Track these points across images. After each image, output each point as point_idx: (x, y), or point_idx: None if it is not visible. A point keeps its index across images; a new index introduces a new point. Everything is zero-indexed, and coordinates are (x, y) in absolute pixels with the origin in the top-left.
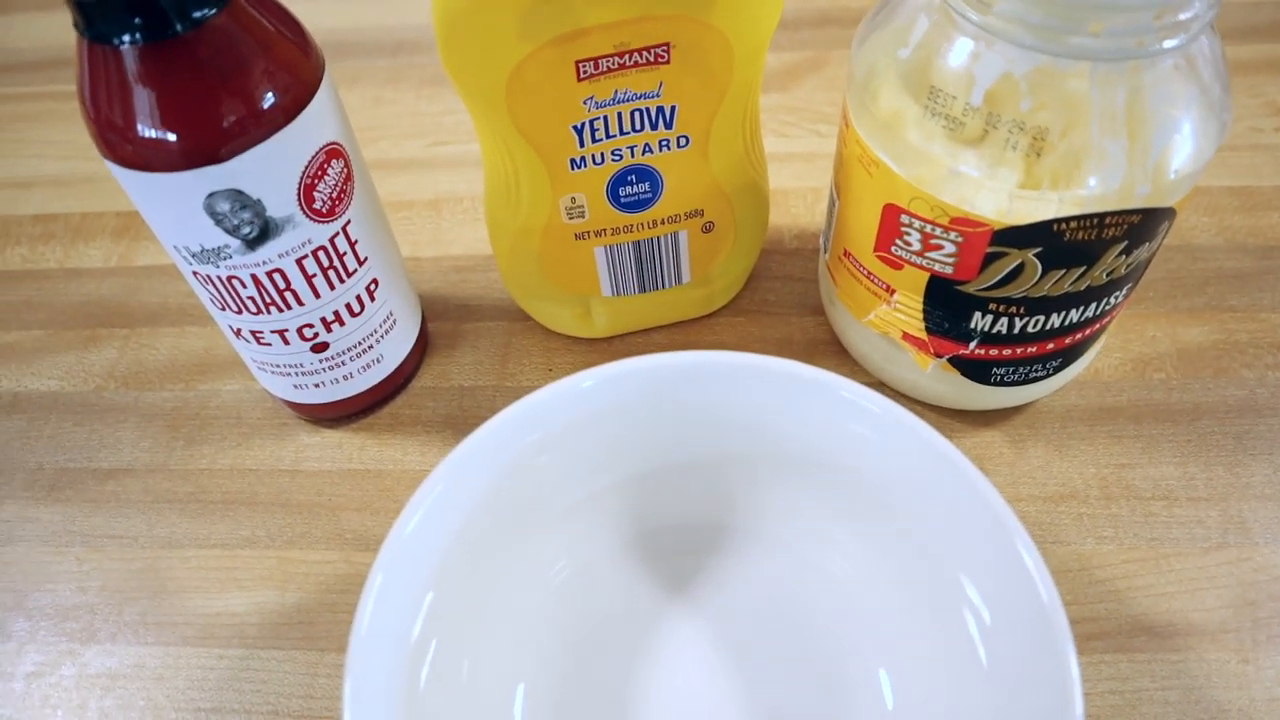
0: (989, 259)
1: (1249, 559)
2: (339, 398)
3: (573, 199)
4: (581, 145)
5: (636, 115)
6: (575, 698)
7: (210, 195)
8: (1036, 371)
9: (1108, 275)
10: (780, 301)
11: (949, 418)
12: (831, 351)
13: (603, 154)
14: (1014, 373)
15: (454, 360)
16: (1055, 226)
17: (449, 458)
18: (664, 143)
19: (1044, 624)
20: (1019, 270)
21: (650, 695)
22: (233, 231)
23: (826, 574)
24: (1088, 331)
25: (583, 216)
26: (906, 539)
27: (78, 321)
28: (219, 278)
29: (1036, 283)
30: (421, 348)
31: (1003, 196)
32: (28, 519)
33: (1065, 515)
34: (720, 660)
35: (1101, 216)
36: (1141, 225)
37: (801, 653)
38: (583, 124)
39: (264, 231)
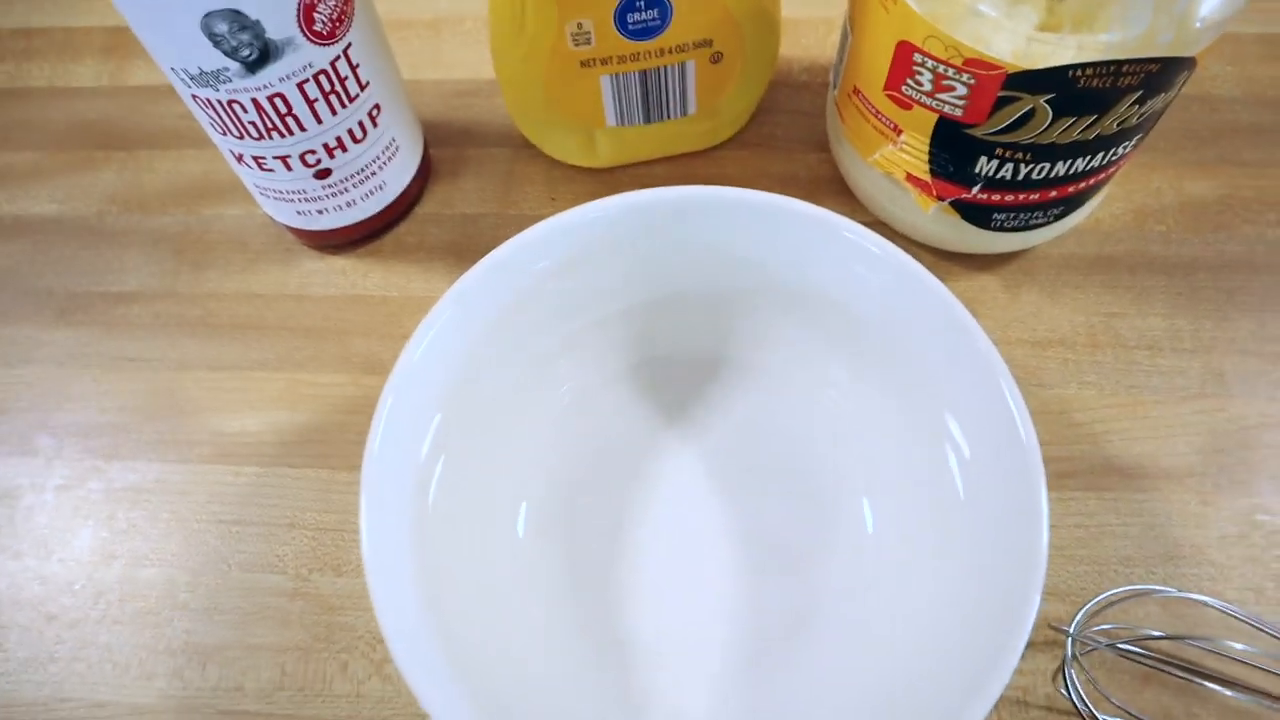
0: (1000, 103)
1: (1223, 409)
2: (342, 224)
3: (579, 25)
4: None
5: None
6: (576, 516)
7: (207, 15)
8: (1037, 218)
9: (1119, 125)
10: (786, 136)
11: (946, 259)
12: (835, 189)
13: None
14: (1014, 219)
15: (457, 187)
16: (1070, 73)
17: (456, 284)
18: None
19: (1020, 461)
20: (1029, 116)
21: (647, 513)
22: (231, 54)
23: (818, 405)
24: (1092, 181)
25: (589, 43)
26: (897, 376)
27: (72, 143)
28: (219, 101)
29: (1046, 129)
30: (424, 174)
31: (1020, 38)
32: (41, 341)
33: (1052, 360)
34: (713, 482)
35: (1119, 64)
36: (1159, 75)
37: (790, 478)
38: None
39: (264, 54)
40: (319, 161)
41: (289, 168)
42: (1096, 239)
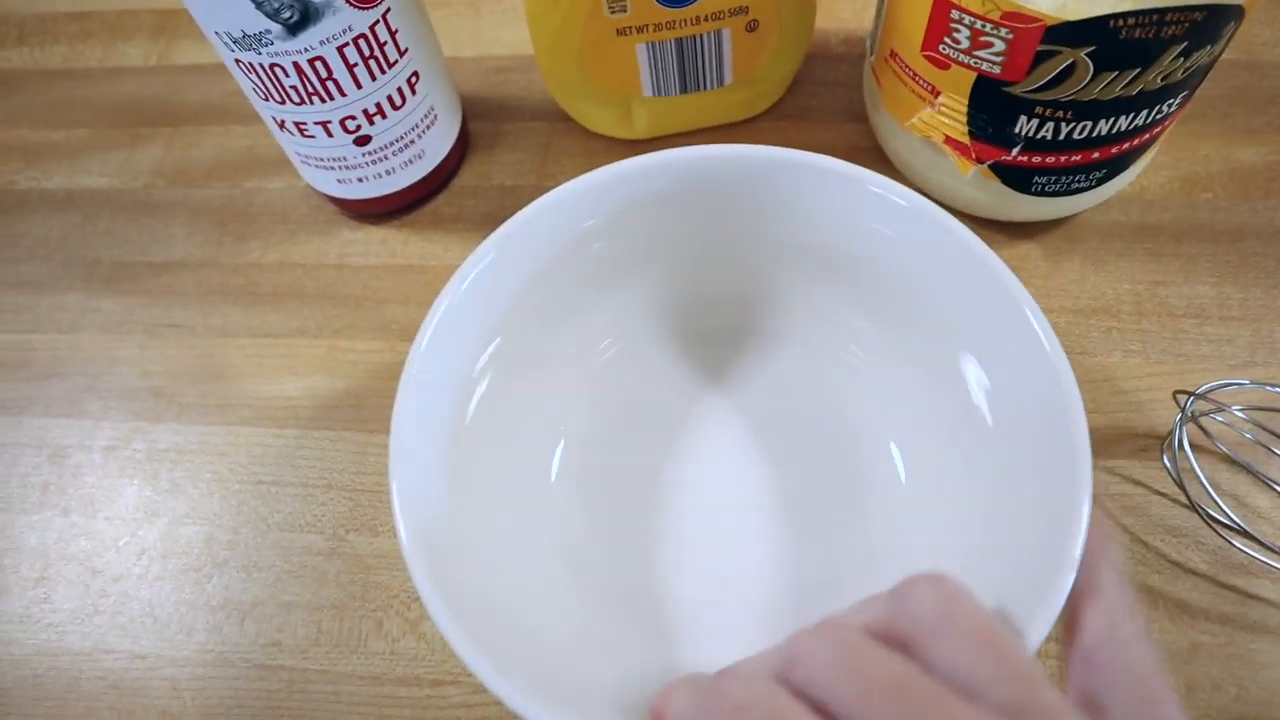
0: (1039, 58)
1: (1275, 379)
2: (381, 193)
3: None
4: None
5: None
6: (610, 467)
7: None
8: (1079, 182)
9: (1162, 80)
10: (823, 107)
11: (987, 228)
12: (873, 159)
13: None
14: (1056, 182)
15: (495, 160)
16: (1112, 23)
17: (504, 227)
18: None
19: (1048, 376)
20: (1070, 70)
21: (681, 471)
22: (273, 15)
23: (844, 364)
24: (1135, 141)
25: (625, 11)
26: (917, 321)
27: (122, 120)
28: (261, 66)
29: (1087, 84)
30: (462, 146)
31: None
32: (90, 309)
33: (1095, 328)
34: (746, 444)
35: (1163, 12)
36: (1205, 24)
37: (822, 437)
38: None
39: (304, 16)
40: (359, 128)
41: (329, 134)
42: (1141, 207)
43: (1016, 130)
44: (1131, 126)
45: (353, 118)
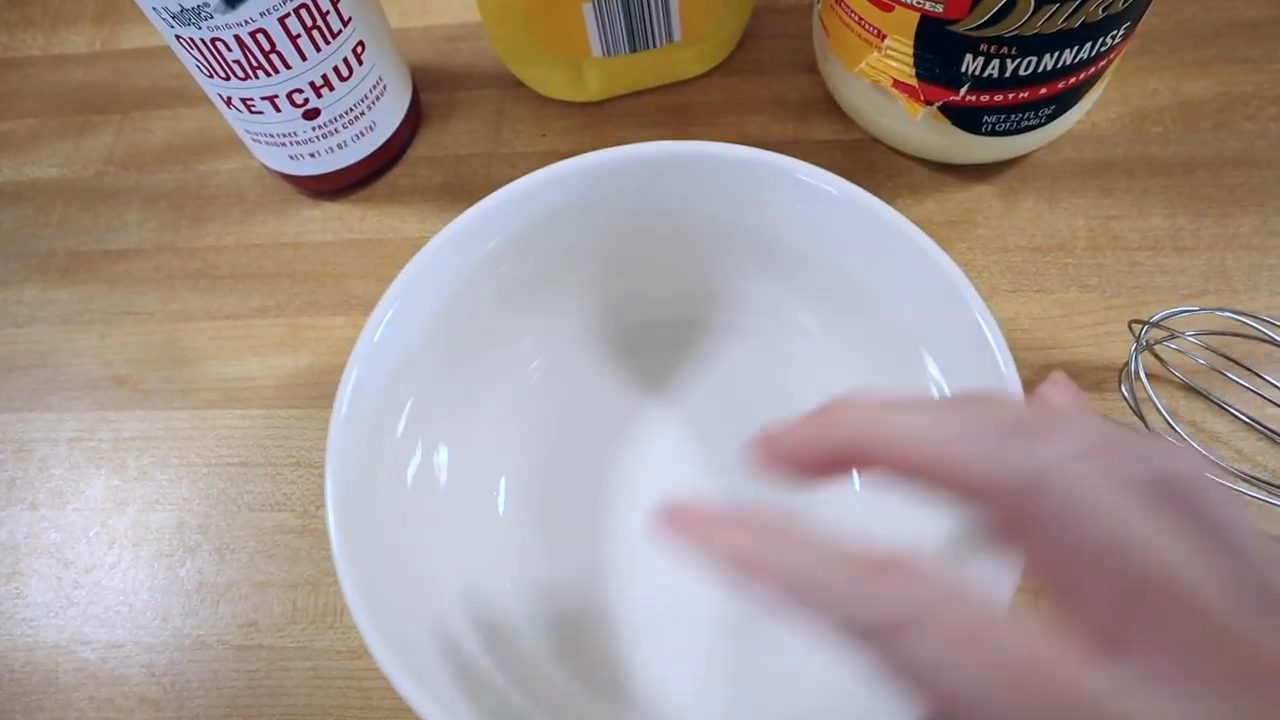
0: None
1: (1226, 305)
2: (335, 168)
3: None
4: None
5: None
6: (557, 487)
7: None
8: (1029, 119)
9: (1104, 10)
10: (775, 60)
11: (941, 171)
12: (825, 109)
13: None
14: (1006, 120)
15: (448, 129)
16: None
17: (405, 270)
18: None
19: (992, 368)
20: (1011, 5)
21: (628, 482)
22: None
23: (794, 360)
24: (1082, 75)
25: None
26: (871, 319)
27: (70, 109)
28: (203, 41)
29: (1029, 19)
30: (414, 117)
31: None
32: (47, 300)
33: (1052, 265)
34: (692, 446)
35: None
36: None
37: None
38: None
39: None
40: (307, 101)
41: (277, 109)
42: (1093, 144)
43: (963, 69)
44: (1076, 60)
45: (300, 91)
